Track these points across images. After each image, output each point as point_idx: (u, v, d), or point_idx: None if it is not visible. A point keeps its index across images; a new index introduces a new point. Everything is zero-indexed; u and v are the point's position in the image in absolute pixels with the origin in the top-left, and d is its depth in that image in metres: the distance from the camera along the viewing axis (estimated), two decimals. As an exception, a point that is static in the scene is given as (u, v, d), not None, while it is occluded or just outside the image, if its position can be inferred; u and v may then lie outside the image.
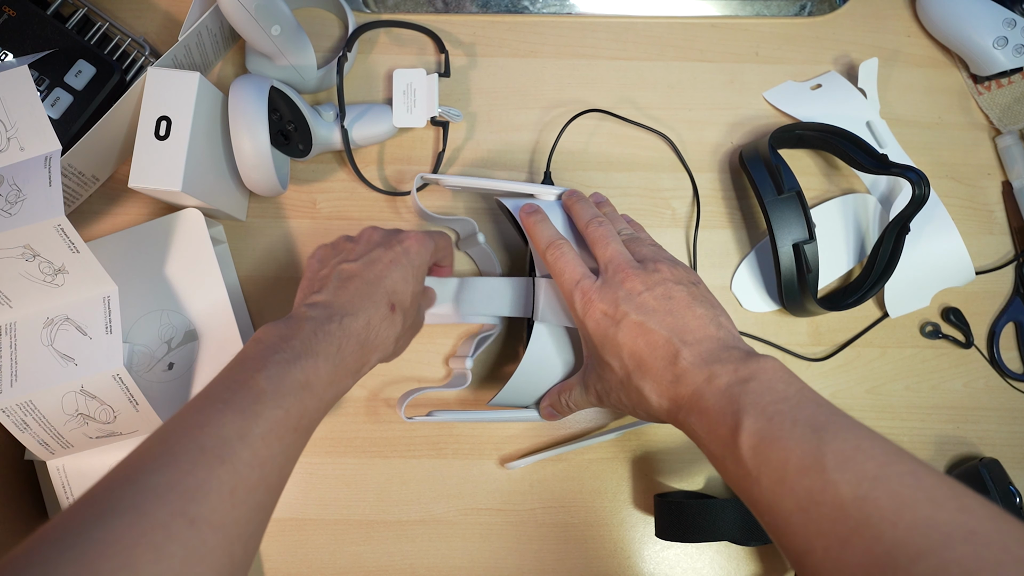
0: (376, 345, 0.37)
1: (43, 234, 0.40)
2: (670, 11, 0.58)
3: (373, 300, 0.37)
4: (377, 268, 0.39)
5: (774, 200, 0.49)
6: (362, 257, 0.39)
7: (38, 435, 0.42)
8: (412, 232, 0.41)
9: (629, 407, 0.38)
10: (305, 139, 0.51)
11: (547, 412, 0.44)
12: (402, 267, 0.39)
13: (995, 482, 0.47)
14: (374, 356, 0.37)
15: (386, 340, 0.38)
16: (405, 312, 0.39)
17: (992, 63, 0.54)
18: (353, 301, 0.37)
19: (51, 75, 0.48)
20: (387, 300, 0.38)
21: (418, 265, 0.40)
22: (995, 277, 0.54)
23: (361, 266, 0.39)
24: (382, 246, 0.40)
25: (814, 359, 0.53)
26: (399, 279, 0.39)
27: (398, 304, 0.38)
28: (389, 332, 0.38)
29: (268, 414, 0.30)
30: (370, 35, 0.57)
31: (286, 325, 0.35)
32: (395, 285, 0.38)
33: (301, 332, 0.34)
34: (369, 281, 0.38)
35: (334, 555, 0.50)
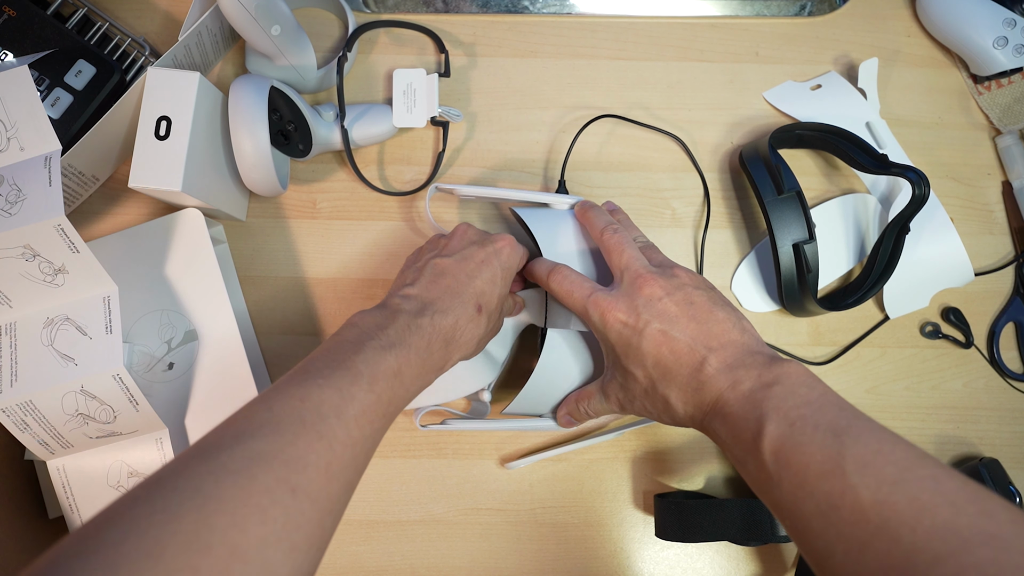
0: (460, 344, 0.37)
1: (43, 234, 0.40)
2: (670, 11, 0.58)
3: (462, 299, 0.38)
4: (469, 266, 0.39)
5: (774, 200, 0.49)
6: (456, 253, 0.40)
7: (38, 435, 0.42)
8: (506, 236, 0.42)
9: (654, 414, 0.39)
10: (305, 139, 0.51)
11: (565, 420, 0.45)
12: (492, 269, 0.40)
13: (995, 482, 0.47)
14: (456, 355, 0.38)
15: (469, 340, 0.38)
16: (490, 315, 0.39)
17: (992, 63, 0.54)
18: (443, 298, 0.37)
19: (51, 75, 0.48)
20: (475, 301, 0.38)
21: (507, 268, 0.40)
22: (995, 277, 0.54)
23: (454, 263, 0.39)
24: (476, 244, 0.41)
25: (817, 363, 0.53)
26: (488, 280, 0.39)
27: (484, 306, 0.39)
28: (473, 333, 0.38)
29: (362, 397, 0.31)
30: (370, 35, 0.57)
31: (381, 314, 0.35)
32: (484, 286, 0.39)
33: (395, 323, 0.35)
34: (460, 279, 0.38)
35: (334, 555, 0.50)
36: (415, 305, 0.36)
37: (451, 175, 0.55)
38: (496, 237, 0.41)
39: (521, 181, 0.55)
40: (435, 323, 0.36)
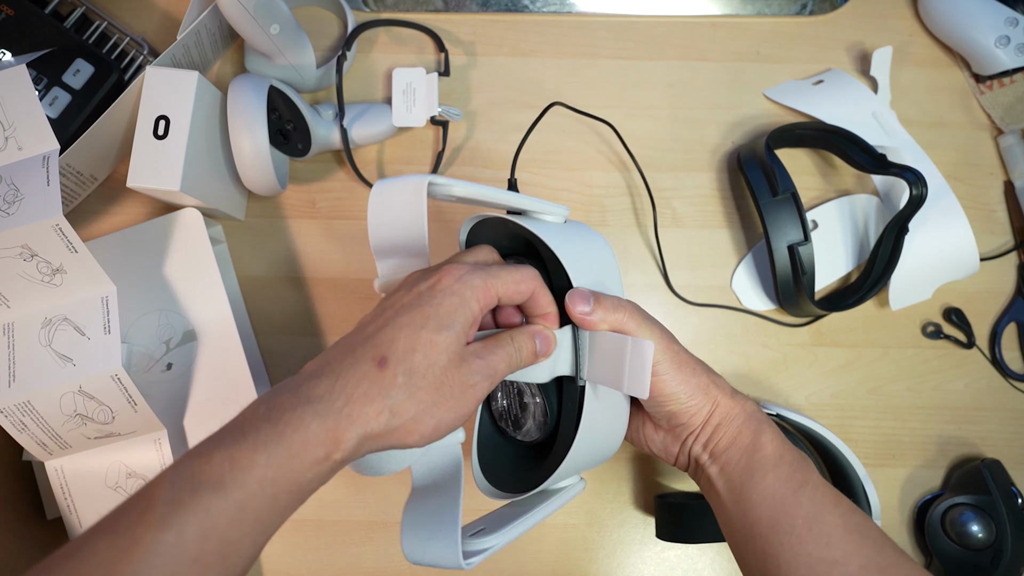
0: (351, 415, 0.26)
1: (41, 234, 0.40)
2: (671, 10, 0.58)
3: (354, 355, 0.28)
4: (382, 318, 0.30)
5: (769, 202, 0.49)
6: (380, 306, 0.31)
7: (36, 436, 0.42)
8: (449, 266, 0.31)
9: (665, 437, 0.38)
10: (304, 138, 0.51)
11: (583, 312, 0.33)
12: (415, 308, 0.29)
13: (997, 483, 0.47)
14: (348, 432, 0.26)
15: (366, 407, 0.27)
16: (412, 369, 0.28)
17: (994, 62, 0.54)
18: (329, 359, 0.28)
19: (49, 74, 0.48)
20: (372, 354, 0.28)
21: (447, 304, 0.29)
22: (997, 277, 0.54)
23: (370, 317, 0.31)
24: (405, 287, 0.31)
25: (790, 325, 0.53)
26: (405, 324, 0.28)
27: (393, 357, 0.28)
28: (372, 395, 0.27)
29: (150, 542, 0.22)
30: (369, 34, 0.57)
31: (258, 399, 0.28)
32: (395, 334, 0.28)
33: (251, 410, 0.27)
34: (364, 333, 0.29)
35: (334, 556, 0.50)
36: (293, 377, 0.28)
37: (451, 174, 0.54)
38: (438, 269, 0.31)
39: (520, 181, 0.54)
40: (301, 394, 0.26)
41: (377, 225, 0.34)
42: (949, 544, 0.48)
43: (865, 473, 0.46)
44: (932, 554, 0.49)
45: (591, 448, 0.35)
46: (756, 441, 0.34)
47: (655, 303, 0.53)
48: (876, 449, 0.52)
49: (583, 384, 0.34)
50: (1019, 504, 0.47)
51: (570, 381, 0.35)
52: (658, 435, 0.38)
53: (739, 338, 0.53)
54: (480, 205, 0.35)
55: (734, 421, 0.35)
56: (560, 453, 0.34)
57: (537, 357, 0.32)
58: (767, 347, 0.53)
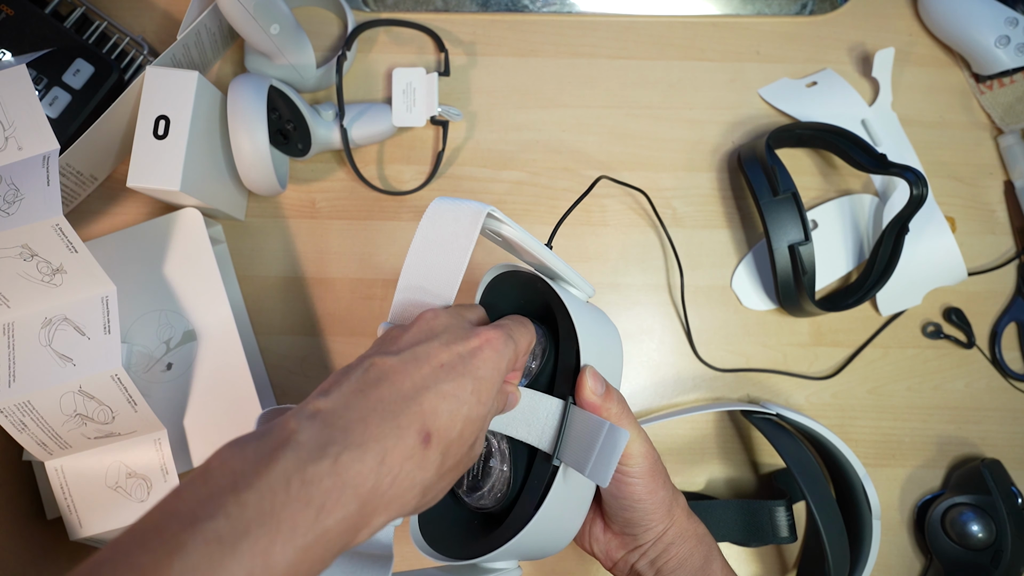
0: (389, 499, 0.23)
1: (41, 234, 0.40)
2: (671, 10, 0.58)
3: (398, 424, 0.24)
4: (421, 371, 0.26)
5: (770, 201, 0.49)
6: (405, 350, 0.26)
7: (36, 436, 0.42)
8: (492, 330, 0.28)
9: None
10: (304, 138, 0.51)
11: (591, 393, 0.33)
12: (459, 379, 0.26)
13: (997, 483, 0.47)
14: (380, 517, 0.23)
15: (405, 491, 0.24)
16: (447, 449, 0.25)
17: (994, 62, 0.54)
18: (368, 421, 0.24)
19: (49, 74, 0.48)
20: (420, 426, 0.24)
21: (487, 378, 0.27)
22: (997, 277, 0.54)
23: (399, 363, 0.26)
24: (441, 339, 0.27)
25: (819, 378, 0.53)
26: (450, 395, 0.25)
27: (437, 435, 0.25)
28: (414, 477, 0.24)
29: None
30: (369, 34, 0.57)
31: (255, 450, 0.22)
32: (439, 404, 0.25)
33: (270, 471, 0.21)
34: (402, 390, 0.25)
35: (333, 556, 0.49)
36: (316, 434, 0.23)
37: (451, 174, 0.54)
38: (477, 332, 0.28)
39: (520, 181, 0.54)
40: (340, 468, 0.22)
41: (422, 246, 0.31)
42: (949, 544, 0.48)
43: (865, 473, 0.46)
44: (932, 554, 0.49)
45: (543, 534, 0.32)
46: (707, 566, 0.34)
47: (653, 304, 0.53)
48: (876, 449, 0.52)
49: (557, 465, 0.31)
50: (1019, 504, 0.47)
51: (544, 459, 0.32)
52: (605, 536, 0.37)
53: (739, 338, 0.53)
54: (515, 254, 0.34)
55: (687, 542, 0.34)
56: (510, 531, 0.31)
57: (504, 408, 0.32)
58: (767, 347, 0.53)
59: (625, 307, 0.53)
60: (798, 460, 0.44)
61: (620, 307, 0.53)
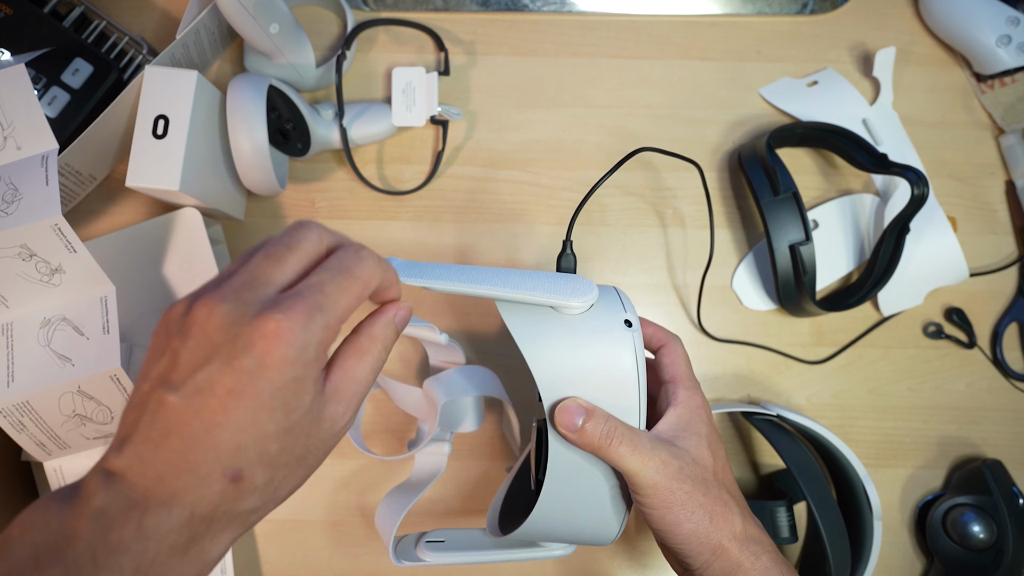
0: (215, 533, 0.24)
1: (40, 233, 0.39)
2: (671, 9, 0.58)
3: (198, 475, 0.23)
4: (206, 411, 0.23)
5: (770, 201, 0.49)
6: (186, 382, 0.23)
7: (35, 436, 0.42)
8: (278, 314, 0.23)
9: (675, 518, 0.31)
10: (304, 138, 0.51)
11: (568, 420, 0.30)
12: (252, 400, 0.23)
13: (998, 484, 0.47)
14: (215, 548, 0.24)
15: (231, 521, 0.24)
16: (271, 467, 0.24)
17: (995, 61, 0.54)
18: (166, 479, 0.22)
19: (48, 73, 0.48)
20: (221, 470, 0.23)
21: (289, 382, 0.23)
22: (998, 276, 0.54)
23: (181, 403, 0.23)
24: (219, 357, 0.23)
25: (814, 361, 0.52)
26: (248, 425, 0.23)
27: (248, 466, 0.23)
28: (235, 509, 0.24)
29: None
30: (369, 33, 0.57)
31: (59, 518, 0.22)
32: (237, 439, 0.23)
33: (74, 545, 0.21)
34: (193, 437, 0.23)
35: (333, 556, 0.49)
36: (115, 497, 0.22)
37: (451, 174, 0.54)
38: (261, 328, 0.23)
39: (520, 181, 0.54)
40: (146, 531, 0.22)
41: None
42: (950, 545, 0.47)
43: (866, 473, 0.46)
44: (933, 555, 0.49)
45: (557, 517, 0.32)
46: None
47: (654, 304, 0.53)
48: (877, 449, 0.52)
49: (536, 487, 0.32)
50: (1020, 505, 0.47)
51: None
52: (669, 556, 0.34)
53: (739, 338, 0.53)
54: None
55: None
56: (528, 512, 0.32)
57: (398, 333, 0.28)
58: (766, 353, 0.53)
59: (625, 307, 0.53)
60: (798, 461, 0.44)
61: (620, 307, 0.53)
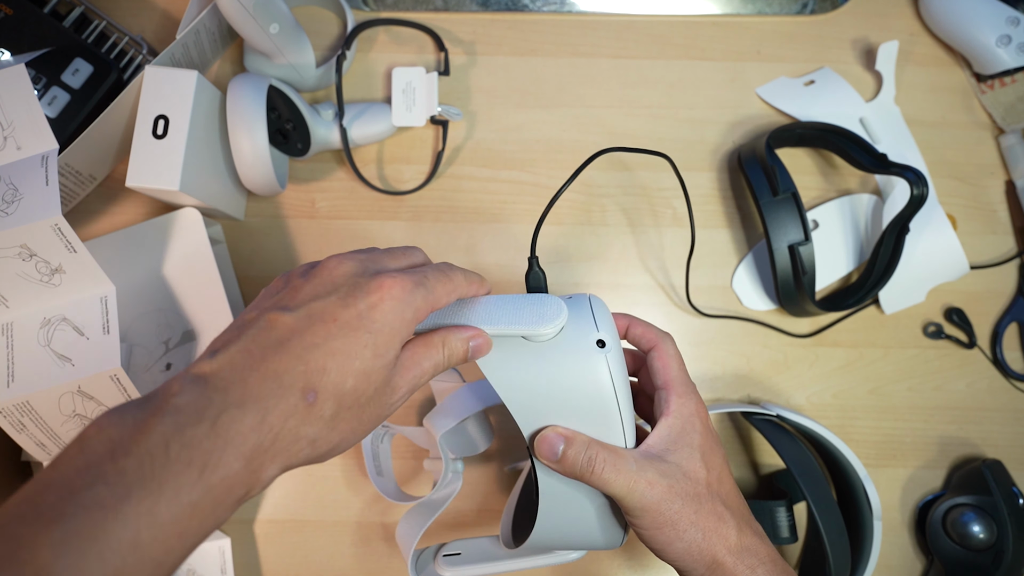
0: (275, 453, 0.25)
1: (40, 234, 0.39)
2: (671, 9, 0.58)
3: (280, 383, 0.25)
4: (313, 330, 0.26)
5: (770, 201, 0.49)
6: (301, 307, 0.27)
7: (35, 436, 0.42)
8: (394, 276, 0.28)
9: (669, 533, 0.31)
10: (304, 138, 0.51)
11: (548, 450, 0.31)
12: (352, 333, 0.26)
13: (998, 484, 0.47)
14: (270, 468, 0.25)
15: (290, 444, 0.25)
16: (340, 402, 0.26)
17: (995, 62, 0.54)
18: (249, 382, 0.25)
19: (48, 73, 0.48)
20: (304, 385, 0.25)
21: (384, 330, 0.27)
22: (998, 277, 0.54)
23: (294, 320, 0.26)
24: (339, 293, 0.27)
25: (800, 335, 0.52)
26: (340, 353, 0.26)
27: (324, 391, 0.25)
28: (298, 432, 0.25)
29: None
30: (369, 33, 0.57)
31: (134, 416, 0.23)
32: (327, 362, 0.25)
33: (148, 437, 0.22)
34: (291, 351, 0.25)
35: (333, 556, 0.49)
36: (197, 397, 0.24)
37: (451, 173, 0.54)
38: (378, 282, 0.27)
39: (520, 181, 0.54)
40: (219, 429, 0.23)
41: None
42: (950, 545, 0.47)
43: (866, 473, 0.46)
44: (933, 555, 0.49)
45: (558, 527, 0.33)
46: None
47: (654, 304, 0.53)
48: (877, 449, 0.52)
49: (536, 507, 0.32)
50: (1020, 504, 0.47)
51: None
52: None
53: (739, 338, 0.53)
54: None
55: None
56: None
57: (468, 358, 0.30)
58: (768, 347, 0.53)
59: (625, 307, 0.53)
60: (798, 461, 0.44)
61: (620, 307, 0.53)
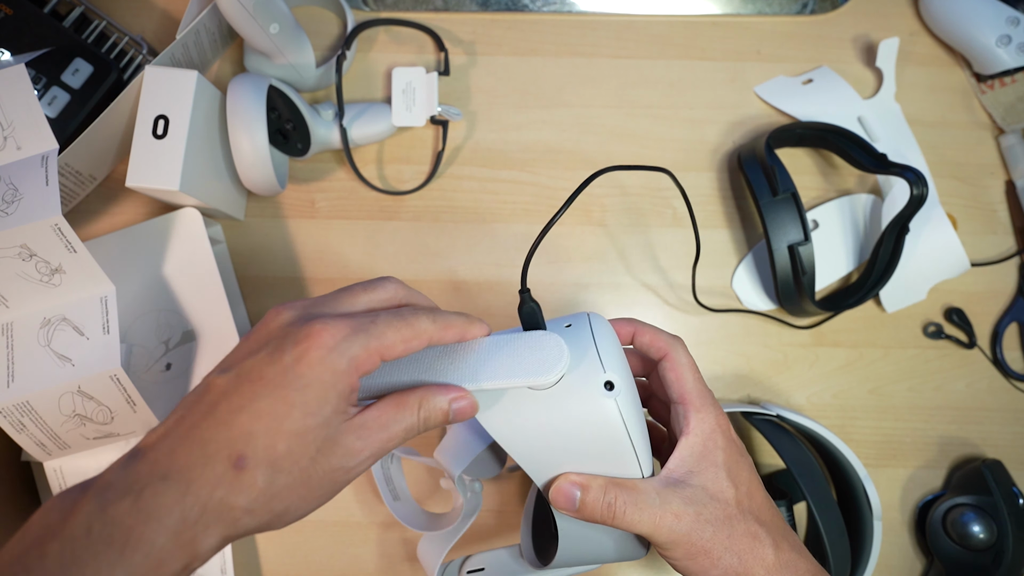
0: (207, 523, 0.23)
1: (40, 234, 0.39)
2: (671, 9, 0.58)
3: (205, 452, 0.24)
4: (237, 395, 0.25)
5: (770, 202, 0.49)
6: (234, 367, 0.26)
7: (35, 436, 0.42)
8: (326, 322, 0.25)
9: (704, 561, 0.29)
10: (304, 138, 0.51)
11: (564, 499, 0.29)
12: (277, 390, 0.24)
13: (998, 484, 0.47)
14: (206, 540, 0.24)
15: (222, 515, 0.24)
16: (273, 468, 0.24)
17: (995, 61, 0.54)
18: (177, 453, 0.24)
19: (48, 73, 0.48)
20: (228, 452, 0.24)
21: (314, 384, 0.24)
22: (998, 277, 0.54)
23: (224, 383, 0.25)
24: (267, 348, 0.25)
25: (799, 327, 0.52)
26: (265, 413, 0.24)
27: (253, 457, 0.24)
28: (229, 502, 0.24)
29: None
30: (369, 33, 0.57)
31: (72, 498, 0.23)
32: (252, 425, 0.24)
33: (75, 518, 0.22)
34: (216, 416, 0.24)
35: (333, 556, 0.49)
36: (127, 472, 0.24)
37: (451, 174, 0.54)
38: (307, 330, 0.25)
39: (520, 181, 0.54)
40: (143, 506, 0.22)
41: None
42: (950, 545, 0.47)
43: (866, 473, 0.46)
44: (933, 555, 0.49)
45: (580, 547, 0.32)
46: None
47: (654, 304, 0.53)
48: (877, 449, 0.51)
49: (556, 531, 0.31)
50: (1020, 505, 0.47)
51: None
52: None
53: (740, 338, 0.53)
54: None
55: None
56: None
57: (448, 421, 0.28)
58: (768, 347, 0.53)
59: (625, 307, 0.53)
60: (798, 461, 0.44)
61: (620, 307, 0.53)
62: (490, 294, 0.53)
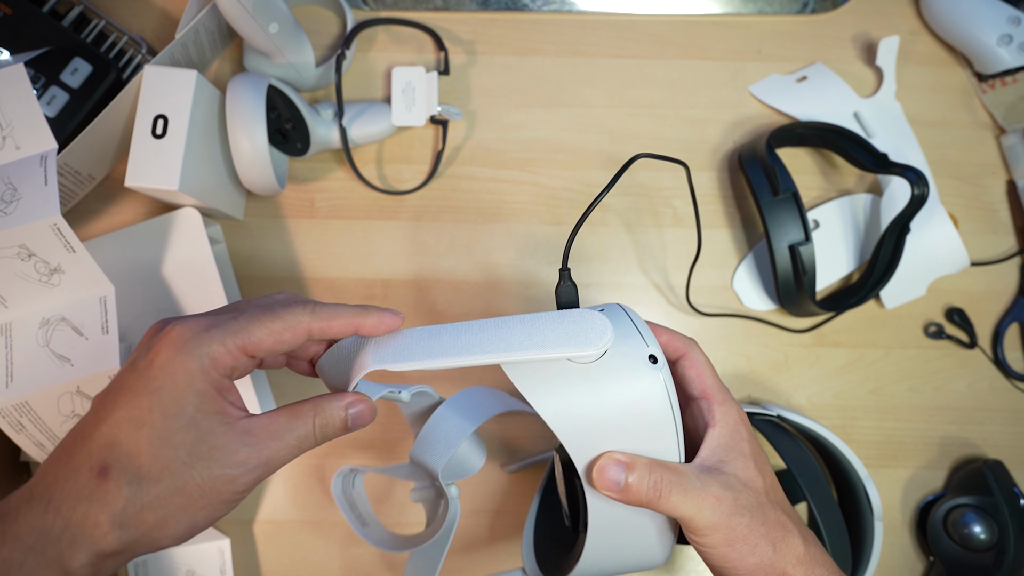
0: (72, 539, 0.23)
1: (39, 234, 0.39)
2: (671, 9, 0.58)
3: (68, 466, 0.24)
4: (103, 407, 0.25)
5: (770, 202, 0.49)
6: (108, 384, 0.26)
7: (34, 436, 0.42)
8: (176, 322, 0.25)
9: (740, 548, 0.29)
10: (303, 138, 0.50)
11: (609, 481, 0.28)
12: (134, 399, 0.24)
13: (999, 484, 0.47)
14: (74, 558, 0.23)
15: (91, 528, 0.23)
16: (140, 475, 0.23)
17: (996, 61, 0.54)
18: (46, 472, 0.24)
19: (47, 73, 0.48)
20: (90, 464, 0.23)
21: (166, 387, 0.24)
22: (999, 276, 0.54)
23: (98, 399, 0.26)
24: (129, 359, 0.26)
25: (797, 330, 0.52)
26: (125, 421, 0.24)
27: (116, 466, 0.23)
28: (94, 515, 0.23)
29: None
30: (369, 33, 0.56)
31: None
32: (115, 434, 0.24)
33: None
34: (83, 430, 0.25)
35: (332, 557, 0.49)
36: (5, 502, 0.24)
37: (451, 173, 0.54)
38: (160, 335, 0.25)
39: (520, 181, 0.54)
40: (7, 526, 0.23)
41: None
42: (951, 545, 0.47)
43: (867, 474, 0.46)
44: (934, 555, 0.48)
45: (602, 567, 0.31)
46: None
47: (654, 304, 0.53)
48: (878, 450, 0.51)
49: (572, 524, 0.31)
50: (1021, 505, 0.47)
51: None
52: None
53: (740, 338, 0.53)
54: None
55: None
56: (576, 555, 0.31)
57: (347, 431, 0.27)
58: (768, 347, 0.53)
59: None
60: (799, 461, 0.44)
61: (620, 307, 0.53)
62: (490, 294, 0.53)
